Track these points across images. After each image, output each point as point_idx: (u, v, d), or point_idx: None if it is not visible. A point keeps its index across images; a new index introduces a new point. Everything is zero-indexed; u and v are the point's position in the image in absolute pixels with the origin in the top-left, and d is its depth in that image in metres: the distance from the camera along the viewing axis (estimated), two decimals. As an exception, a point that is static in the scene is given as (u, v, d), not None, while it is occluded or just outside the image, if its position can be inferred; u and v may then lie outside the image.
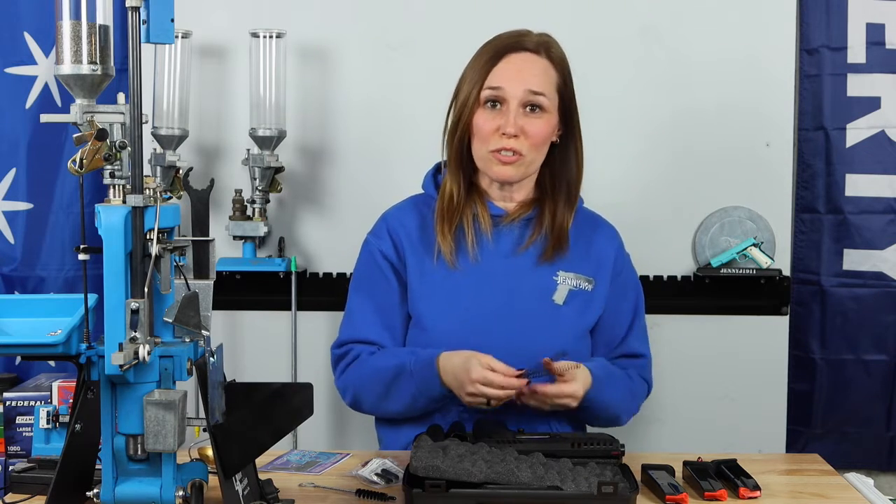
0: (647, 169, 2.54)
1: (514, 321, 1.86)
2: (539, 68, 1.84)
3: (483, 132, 1.84)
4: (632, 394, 1.95)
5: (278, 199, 2.58)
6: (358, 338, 1.91)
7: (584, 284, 1.90)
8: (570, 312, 1.88)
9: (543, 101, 1.82)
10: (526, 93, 1.81)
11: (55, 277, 2.59)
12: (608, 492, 1.44)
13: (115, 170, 1.32)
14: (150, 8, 1.29)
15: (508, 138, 1.82)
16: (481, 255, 1.88)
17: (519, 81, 1.81)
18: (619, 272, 1.96)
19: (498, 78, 1.82)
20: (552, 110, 1.84)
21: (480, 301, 1.86)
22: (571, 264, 1.90)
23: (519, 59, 1.83)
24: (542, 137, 1.84)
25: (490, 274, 1.88)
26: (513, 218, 1.90)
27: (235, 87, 2.56)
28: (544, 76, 1.83)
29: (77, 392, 1.39)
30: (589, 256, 1.92)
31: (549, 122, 1.84)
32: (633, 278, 2.01)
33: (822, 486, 1.65)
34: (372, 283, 1.94)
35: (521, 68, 1.82)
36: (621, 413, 1.93)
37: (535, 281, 1.88)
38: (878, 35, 2.51)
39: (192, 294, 1.35)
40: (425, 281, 1.89)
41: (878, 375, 2.57)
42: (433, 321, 1.88)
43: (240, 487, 1.39)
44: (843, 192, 2.55)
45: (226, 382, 1.42)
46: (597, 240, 1.95)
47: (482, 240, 1.89)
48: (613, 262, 1.94)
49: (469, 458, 1.53)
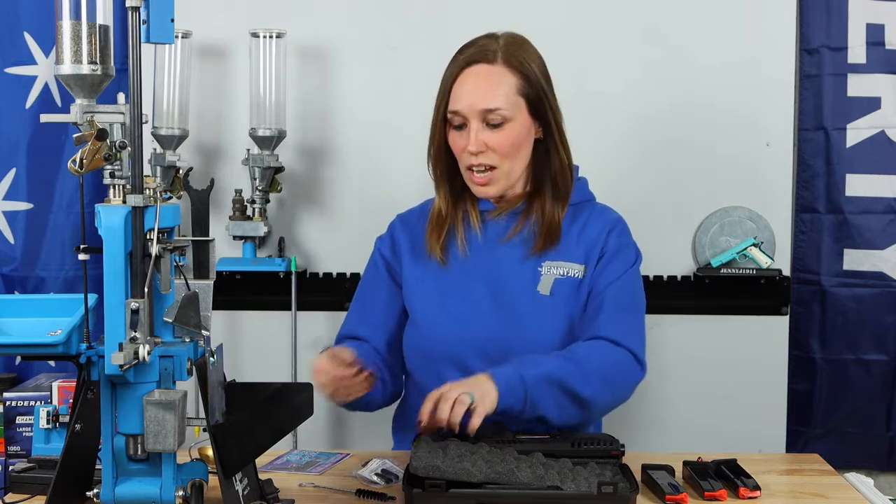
0: (647, 168, 2.54)
1: (499, 314, 1.86)
2: (493, 81, 1.82)
3: (456, 151, 1.87)
4: (574, 362, 1.74)
5: (278, 199, 2.58)
6: (349, 334, 1.95)
7: (573, 272, 1.87)
8: (557, 302, 1.86)
9: (502, 113, 1.82)
10: (481, 112, 1.81)
11: (55, 277, 2.59)
12: (608, 492, 1.44)
13: (115, 170, 1.32)
14: (150, 8, 1.29)
15: (475, 156, 1.83)
16: (469, 249, 1.90)
17: (472, 103, 1.81)
18: (605, 253, 1.89)
19: (455, 101, 1.83)
20: (516, 117, 1.83)
21: (467, 295, 1.88)
22: (560, 253, 1.88)
23: (472, 75, 1.83)
24: (508, 147, 1.83)
25: (476, 268, 1.89)
26: (500, 211, 1.91)
27: (235, 87, 2.56)
28: (498, 88, 1.82)
29: (77, 392, 1.39)
30: (580, 243, 1.90)
31: (513, 130, 1.83)
32: (621, 260, 1.89)
33: (822, 486, 1.65)
34: (368, 282, 1.98)
35: (473, 87, 1.82)
36: (576, 385, 1.73)
37: (521, 273, 1.88)
38: (878, 35, 2.51)
39: (192, 294, 1.35)
40: (418, 279, 1.92)
41: (879, 375, 2.57)
42: (423, 317, 1.90)
43: (240, 487, 1.39)
44: (844, 192, 2.55)
45: (226, 382, 1.42)
46: (590, 226, 1.92)
47: (471, 235, 1.91)
48: (603, 245, 1.89)
49: (469, 458, 1.53)
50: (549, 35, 1.96)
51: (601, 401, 1.80)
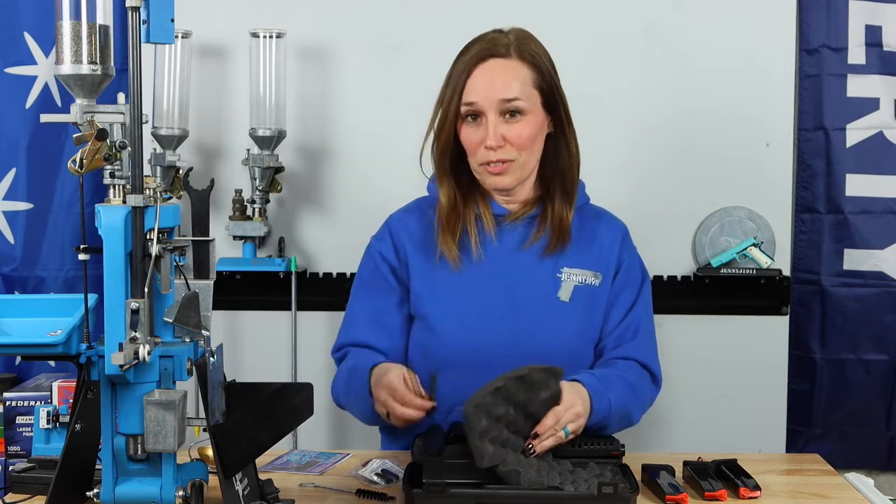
0: (647, 168, 2.54)
1: (517, 319, 1.85)
2: (510, 73, 1.83)
3: (470, 147, 1.86)
4: (632, 388, 1.84)
5: (278, 199, 2.58)
6: (353, 341, 1.91)
7: (590, 279, 1.89)
8: (576, 309, 1.87)
9: (520, 104, 1.81)
10: (500, 102, 1.81)
11: (55, 277, 2.59)
12: (608, 492, 1.44)
13: (115, 170, 1.32)
14: (150, 8, 1.30)
15: (493, 150, 1.83)
16: (485, 253, 1.88)
17: (490, 93, 1.81)
18: (621, 267, 1.92)
19: (471, 93, 1.82)
20: (533, 109, 1.84)
21: (484, 299, 1.86)
22: (576, 259, 1.89)
23: (488, 67, 1.83)
24: (526, 139, 1.83)
25: (493, 272, 1.87)
26: (516, 217, 1.90)
27: (235, 87, 2.56)
28: (516, 80, 1.82)
29: (77, 392, 1.39)
30: (592, 250, 1.91)
31: (530, 122, 1.83)
32: (638, 277, 1.95)
33: (822, 486, 1.65)
34: (370, 286, 1.94)
35: (491, 79, 1.82)
36: (632, 411, 1.85)
37: (540, 278, 1.87)
38: (876, 36, 2.51)
39: (192, 294, 1.35)
40: (429, 282, 1.89)
41: (879, 375, 2.57)
42: (439, 321, 1.87)
43: (240, 487, 1.39)
44: (844, 192, 2.55)
45: (226, 382, 1.42)
46: (600, 232, 1.93)
47: (485, 238, 1.89)
48: (618, 257, 1.92)
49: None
50: (550, 34, 1.95)
51: (631, 422, 1.89)
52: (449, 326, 1.86)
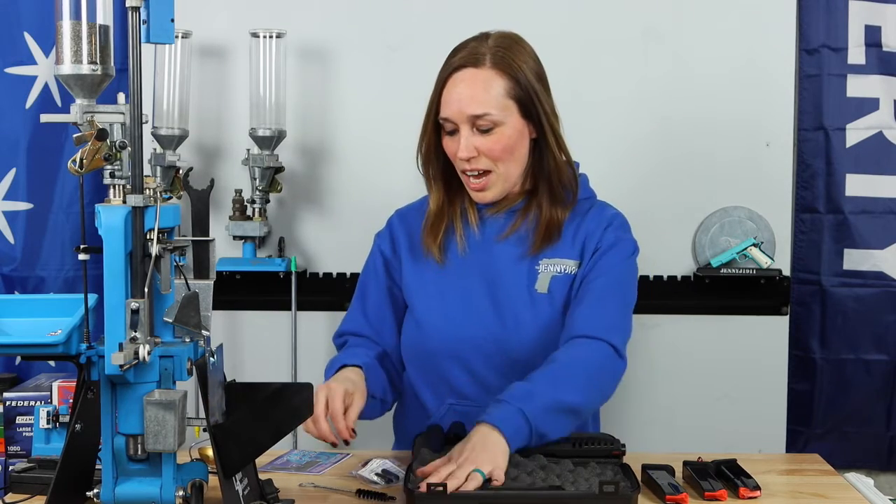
0: (647, 168, 2.54)
1: (497, 312, 1.86)
2: (480, 86, 1.80)
3: (450, 156, 1.86)
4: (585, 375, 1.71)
5: (278, 199, 2.58)
6: (350, 330, 1.96)
7: (568, 268, 1.86)
8: (553, 300, 1.85)
9: (491, 118, 1.79)
10: (469, 118, 1.80)
11: (55, 277, 2.59)
12: (610, 491, 1.44)
13: (115, 170, 1.32)
14: (150, 8, 1.30)
15: (467, 161, 1.82)
16: (469, 247, 1.90)
17: (460, 109, 1.80)
18: (599, 247, 1.87)
19: (445, 106, 1.82)
20: (507, 120, 1.81)
21: (467, 293, 1.88)
22: (556, 251, 1.87)
23: (460, 79, 1.81)
24: (499, 151, 1.82)
25: (474, 266, 1.89)
26: (499, 208, 1.90)
27: (235, 87, 2.56)
28: (486, 93, 1.79)
29: (77, 392, 1.39)
30: (576, 239, 1.88)
31: (503, 134, 1.81)
32: (615, 252, 1.86)
33: (822, 486, 1.65)
34: (369, 279, 1.98)
35: (461, 94, 1.80)
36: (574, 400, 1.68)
37: (518, 271, 1.87)
38: (875, 37, 2.51)
39: (192, 294, 1.35)
40: (418, 275, 1.92)
41: (879, 375, 2.57)
42: (424, 315, 1.90)
43: (240, 487, 1.39)
44: (844, 192, 2.55)
45: (226, 382, 1.42)
46: (587, 222, 1.90)
47: (469, 232, 1.91)
48: (598, 239, 1.87)
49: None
50: (549, 35, 1.96)
51: (592, 404, 1.82)
52: (432, 321, 1.88)
